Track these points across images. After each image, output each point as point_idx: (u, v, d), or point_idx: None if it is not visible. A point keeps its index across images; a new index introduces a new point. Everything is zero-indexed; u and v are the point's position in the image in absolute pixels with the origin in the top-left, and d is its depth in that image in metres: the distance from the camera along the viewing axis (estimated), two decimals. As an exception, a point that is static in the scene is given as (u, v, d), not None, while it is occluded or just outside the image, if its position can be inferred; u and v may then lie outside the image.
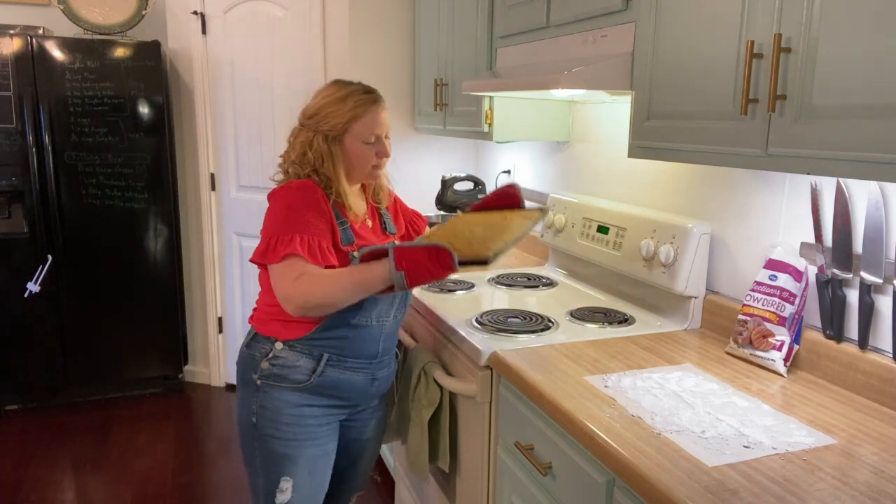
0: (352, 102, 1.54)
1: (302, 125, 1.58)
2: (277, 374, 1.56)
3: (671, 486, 1.02)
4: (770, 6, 1.17)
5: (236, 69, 3.31)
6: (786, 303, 1.50)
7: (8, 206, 3.18)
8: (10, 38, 3.03)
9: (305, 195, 1.51)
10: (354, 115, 1.54)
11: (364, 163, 1.59)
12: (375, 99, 1.58)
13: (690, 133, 1.38)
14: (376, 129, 1.57)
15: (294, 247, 1.43)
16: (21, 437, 3.10)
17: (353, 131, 1.55)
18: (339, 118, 1.54)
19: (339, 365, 1.58)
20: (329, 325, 1.55)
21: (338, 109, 1.54)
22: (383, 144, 1.60)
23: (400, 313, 1.69)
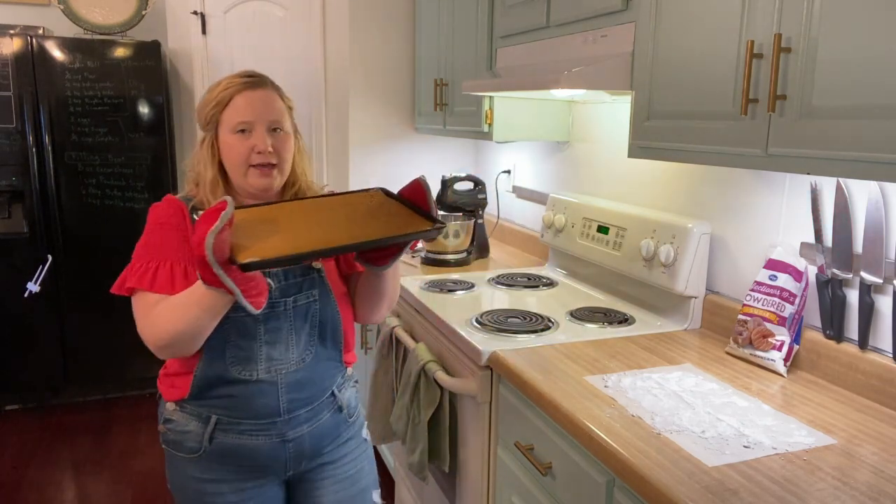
0: (221, 86, 1.31)
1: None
2: (172, 439, 1.35)
3: (671, 486, 1.02)
4: (770, 6, 1.17)
5: (236, 69, 3.29)
6: (786, 303, 1.50)
7: (8, 206, 3.18)
8: (10, 38, 3.03)
9: (154, 214, 1.30)
10: (220, 99, 1.29)
11: (232, 159, 1.29)
12: (253, 83, 1.31)
13: (690, 133, 1.38)
14: (246, 114, 1.28)
15: (135, 277, 1.24)
16: (21, 437, 3.09)
17: (223, 121, 1.29)
18: (207, 108, 1.31)
19: (231, 429, 1.31)
20: (206, 380, 1.29)
21: (207, 97, 1.32)
22: (260, 135, 1.28)
23: (310, 353, 1.34)
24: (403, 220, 1.21)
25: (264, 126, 1.29)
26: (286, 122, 1.34)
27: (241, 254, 1.04)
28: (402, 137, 3.19)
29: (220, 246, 1.00)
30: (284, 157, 1.32)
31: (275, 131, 1.31)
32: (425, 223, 1.21)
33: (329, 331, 1.37)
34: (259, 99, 1.30)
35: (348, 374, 1.47)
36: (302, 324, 1.33)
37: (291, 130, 1.36)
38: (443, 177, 2.73)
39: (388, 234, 1.17)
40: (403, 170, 3.21)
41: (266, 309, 1.22)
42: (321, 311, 1.35)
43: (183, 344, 1.21)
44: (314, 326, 1.34)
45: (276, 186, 1.34)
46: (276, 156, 1.30)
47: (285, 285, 1.31)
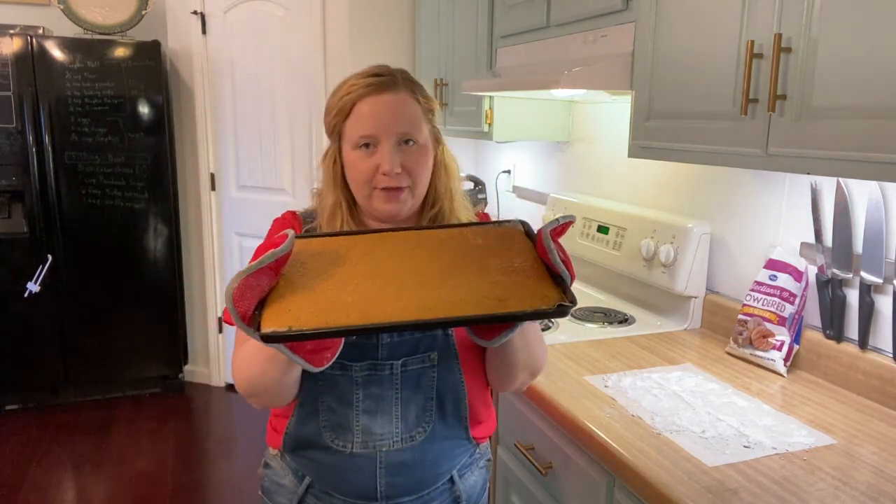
0: (344, 89, 1.07)
1: None
2: (267, 487, 1.18)
3: (671, 486, 1.02)
4: (770, 6, 1.17)
5: (236, 69, 3.31)
6: (786, 303, 1.50)
7: (8, 206, 3.18)
8: (10, 38, 3.03)
9: (271, 232, 1.10)
10: (342, 107, 1.06)
11: (354, 178, 1.07)
12: (380, 84, 1.06)
13: (690, 133, 1.38)
14: (369, 126, 1.04)
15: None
16: (21, 437, 3.09)
17: (345, 133, 1.07)
18: (329, 116, 1.09)
19: (323, 498, 1.12)
20: (298, 439, 1.10)
21: (330, 103, 1.09)
22: (386, 152, 1.03)
23: (423, 431, 1.07)
24: (525, 284, 0.85)
25: (392, 140, 1.04)
26: (422, 132, 1.07)
27: (269, 311, 0.80)
28: (402, 137, 3.19)
29: (245, 293, 0.79)
30: (418, 176, 1.06)
31: (406, 143, 1.05)
32: (551, 297, 0.83)
33: (450, 403, 1.08)
34: (386, 106, 1.04)
35: (479, 452, 1.20)
36: (413, 393, 1.06)
37: (430, 140, 1.09)
38: (443, 177, 2.72)
39: (486, 309, 0.81)
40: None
41: (366, 371, 1.03)
42: (440, 379, 1.07)
43: (263, 395, 1.01)
44: (430, 398, 1.07)
45: (408, 211, 1.09)
46: (406, 176, 1.05)
47: (393, 343, 1.04)
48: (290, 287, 0.83)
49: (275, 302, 0.81)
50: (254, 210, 3.43)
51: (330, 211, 1.10)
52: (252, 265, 0.79)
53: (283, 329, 0.77)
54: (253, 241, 3.49)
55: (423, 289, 0.83)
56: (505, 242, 0.93)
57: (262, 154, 3.37)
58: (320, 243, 0.93)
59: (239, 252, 3.51)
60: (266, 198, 3.40)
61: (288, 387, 1.00)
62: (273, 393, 1.00)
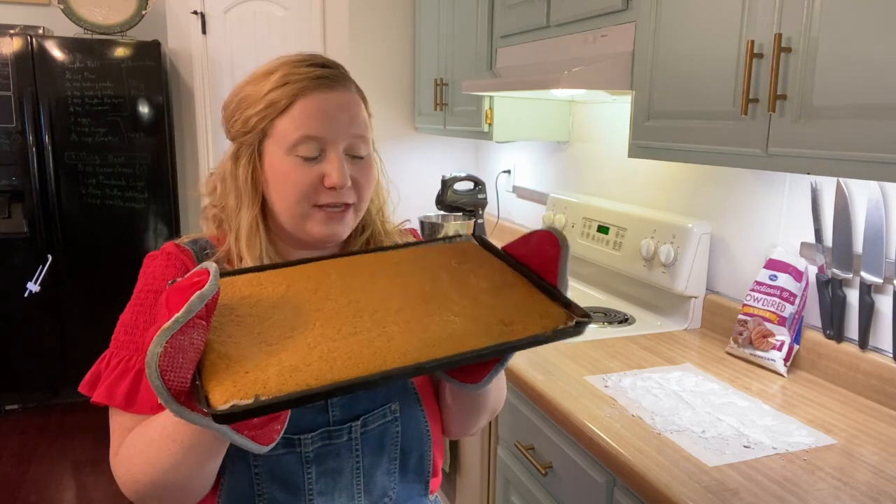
0: (276, 77, 0.84)
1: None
2: None
3: (671, 486, 1.02)
4: (770, 6, 1.17)
5: (236, 69, 3.31)
6: (786, 303, 1.50)
7: (8, 206, 3.18)
8: (10, 38, 3.03)
9: (146, 275, 0.86)
10: (274, 99, 0.83)
11: (286, 193, 0.85)
12: (330, 78, 0.85)
13: (690, 133, 1.38)
14: (318, 128, 0.83)
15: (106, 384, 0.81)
16: (21, 437, 3.09)
17: (275, 133, 0.84)
18: (248, 110, 0.85)
19: None
20: None
21: (250, 92, 0.85)
22: (336, 162, 0.84)
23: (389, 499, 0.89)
24: (522, 303, 0.72)
25: (340, 147, 0.85)
26: (368, 142, 0.89)
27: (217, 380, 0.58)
28: (402, 137, 3.19)
29: (175, 360, 0.56)
30: (365, 193, 0.89)
31: (354, 157, 0.87)
32: (555, 313, 0.71)
33: (414, 459, 0.91)
34: (337, 105, 0.85)
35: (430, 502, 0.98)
36: (376, 458, 0.87)
37: (372, 153, 0.91)
38: (443, 177, 2.73)
39: (496, 337, 0.67)
40: (403, 170, 3.21)
41: (318, 442, 0.82)
42: (404, 433, 0.89)
43: (167, 498, 0.75)
44: (394, 458, 0.89)
45: (344, 235, 0.90)
46: (353, 192, 0.87)
47: (345, 400, 0.85)
48: (233, 343, 0.62)
49: (217, 365, 0.59)
50: (254, 210, 3.43)
51: (248, 233, 0.85)
52: (177, 317, 0.55)
53: (247, 400, 0.56)
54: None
55: (411, 324, 0.67)
56: (469, 259, 0.80)
57: (262, 154, 3.36)
58: (246, 281, 0.72)
59: (239, 252, 3.51)
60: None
61: (207, 480, 0.76)
62: (184, 493, 0.74)
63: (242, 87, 0.87)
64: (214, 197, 0.90)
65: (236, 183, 0.86)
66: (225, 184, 0.87)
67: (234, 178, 0.86)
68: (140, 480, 0.74)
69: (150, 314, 0.82)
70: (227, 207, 0.87)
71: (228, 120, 0.87)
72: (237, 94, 0.87)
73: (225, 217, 0.88)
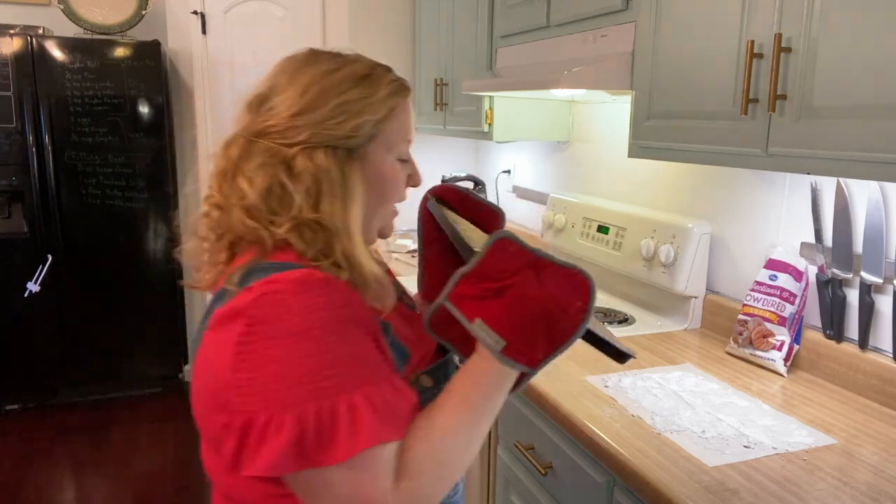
0: (386, 88, 0.84)
1: (258, 134, 0.82)
2: None
3: (671, 486, 1.02)
4: (770, 6, 1.17)
5: (236, 69, 3.31)
6: (786, 303, 1.50)
7: (8, 206, 3.18)
8: (10, 38, 3.03)
9: (330, 296, 0.74)
10: (391, 105, 0.84)
11: (391, 196, 0.88)
12: (407, 85, 0.89)
13: (690, 133, 1.38)
14: (411, 132, 0.90)
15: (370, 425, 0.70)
16: (21, 437, 3.09)
17: (383, 138, 0.84)
18: (365, 114, 0.82)
19: None
20: None
21: (363, 97, 0.82)
22: (415, 162, 0.92)
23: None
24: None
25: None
26: None
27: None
28: (402, 137, 3.19)
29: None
30: None
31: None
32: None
33: None
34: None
35: None
36: None
37: None
38: (443, 177, 2.73)
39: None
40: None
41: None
42: None
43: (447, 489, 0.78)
44: None
45: None
46: None
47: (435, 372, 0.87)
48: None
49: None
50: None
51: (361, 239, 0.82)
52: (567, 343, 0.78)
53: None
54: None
55: None
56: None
57: (262, 154, 3.36)
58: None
59: (239, 252, 3.52)
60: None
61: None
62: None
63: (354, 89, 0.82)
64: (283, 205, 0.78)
65: (351, 186, 0.81)
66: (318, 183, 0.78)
67: (346, 183, 0.80)
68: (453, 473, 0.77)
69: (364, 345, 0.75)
70: (319, 209, 0.79)
71: (315, 123, 0.79)
72: (325, 97, 0.80)
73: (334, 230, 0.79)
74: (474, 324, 0.74)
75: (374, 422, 0.70)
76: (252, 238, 0.78)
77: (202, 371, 0.78)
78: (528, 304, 0.75)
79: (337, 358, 0.71)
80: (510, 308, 0.75)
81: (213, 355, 0.75)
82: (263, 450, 0.68)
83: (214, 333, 0.75)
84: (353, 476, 0.70)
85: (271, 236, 0.77)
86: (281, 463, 0.67)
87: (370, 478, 0.71)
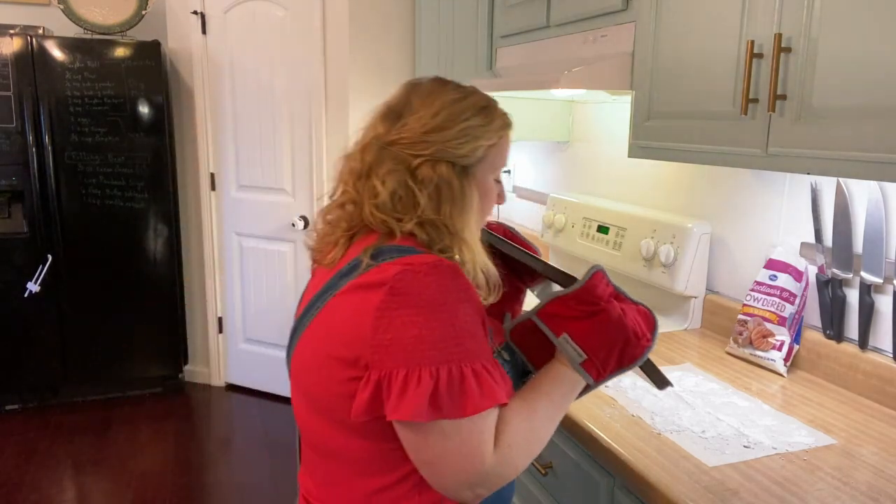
0: (499, 120, 1.01)
1: (390, 144, 0.95)
2: None
3: (671, 486, 1.02)
4: (770, 6, 1.17)
5: (236, 69, 3.31)
6: (786, 303, 1.50)
7: (8, 206, 3.18)
8: (10, 38, 3.03)
9: (455, 280, 0.88)
10: (502, 133, 1.01)
11: (489, 207, 1.04)
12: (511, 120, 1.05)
13: (690, 133, 1.38)
14: (508, 159, 1.06)
15: (492, 387, 0.85)
16: (21, 437, 3.09)
17: (489, 161, 1.00)
18: (482, 139, 0.97)
19: None
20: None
21: (482, 125, 0.98)
22: (503, 185, 1.07)
23: None
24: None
25: None
26: None
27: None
28: (402, 137, 3.19)
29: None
30: None
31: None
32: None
33: None
34: None
35: None
36: None
37: None
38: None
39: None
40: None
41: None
42: None
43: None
44: None
45: None
46: None
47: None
48: None
49: None
50: (253, 210, 3.43)
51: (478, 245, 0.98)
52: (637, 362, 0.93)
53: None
54: (252, 240, 3.51)
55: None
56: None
57: (261, 154, 3.36)
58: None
59: (238, 252, 3.52)
60: (266, 198, 3.40)
61: None
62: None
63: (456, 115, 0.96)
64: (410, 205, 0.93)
65: (466, 196, 0.96)
66: (439, 191, 0.94)
67: (463, 193, 0.96)
68: (526, 455, 0.89)
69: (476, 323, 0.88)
70: (440, 213, 0.94)
71: (442, 141, 0.95)
72: (453, 120, 0.95)
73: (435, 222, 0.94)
74: (560, 338, 0.92)
75: (493, 386, 0.84)
76: (381, 228, 0.93)
77: (327, 331, 0.91)
78: (613, 327, 0.91)
79: (460, 331, 0.84)
80: (598, 328, 0.91)
81: (348, 316, 0.88)
82: (406, 399, 0.81)
83: (352, 297, 0.88)
84: (469, 431, 0.83)
85: (399, 228, 0.92)
86: (420, 411, 0.80)
87: (478, 436, 0.84)
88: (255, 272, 3.50)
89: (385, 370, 0.83)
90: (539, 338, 0.96)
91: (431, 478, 0.86)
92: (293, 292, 3.41)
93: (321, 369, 0.91)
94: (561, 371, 0.94)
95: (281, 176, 3.35)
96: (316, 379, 0.92)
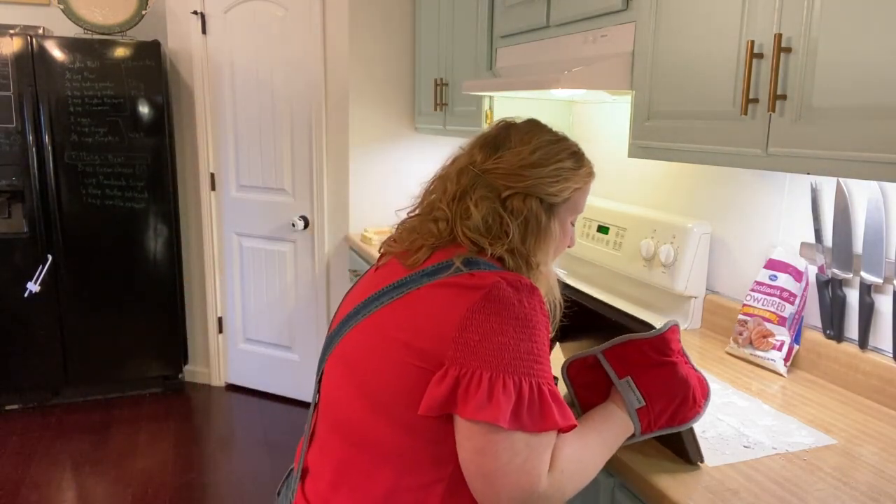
0: (587, 167, 1.08)
1: (486, 172, 1.01)
2: None
3: (671, 486, 1.02)
4: (770, 6, 1.17)
5: (236, 69, 3.31)
6: (786, 303, 1.50)
7: (8, 206, 3.18)
8: (10, 38, 3.03)
9: (540, 303, 0.93)
10: (587, 182, 1.08)
11: (564, 248, 1.09)
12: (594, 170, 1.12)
13: (690, 133, 1.38)
14: (584, 206, 1.12)
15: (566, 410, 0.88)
16: (21, 437, 3.09)
17: (572, 203, 1.06)
18: (571, 181, 1.03)
19: None
20: None
21: (573, 168, 1.04)
22: (574, 231, 1.13)
23: None
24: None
25: None
26: None
27: None
28: (402, 137, 3.19)
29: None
30: None
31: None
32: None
33: None
34: None
35: None
36: None
37: None
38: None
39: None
40: (404, 169, 3.21)
41: None
42: None
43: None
44: None
45: None
46: None
47: None
48: None
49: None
50: (254, 210, 3.43)
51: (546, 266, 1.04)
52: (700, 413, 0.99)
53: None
54: (252, 240, 3.51)
55: None
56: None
57: (262, 154, 3.36)
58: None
59: (238, 252, 3.52)
60: (266, 198, 3.40)
61: None
62: None
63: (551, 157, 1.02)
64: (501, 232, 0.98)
65: (549, 232, 1.02)
66: (527, 224, 1.00)
67: (547, 229, 1.01)
68: (579, 486, 0.91)
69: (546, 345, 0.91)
70: (524, 244, 0.99)
71: (536, 178, 1.00)
72: (549, 159, 1.02)
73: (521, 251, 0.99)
74: (623, 380, 0.95)
75: (566, 408, 0.87)
76: (470, 247, 0.97)
77: (406, 320, 0.92)
78: (677, 381, 0.94)
79: (540, 351, 0.88)
80: (664, 379, 0.95)
81: (437, 310, 0.90)
82: (493, 401, 0.82)
83: (443, 293, 0.91)
84: (537, 448, 0.85)
85: (492, 251, 0.96)
86: (504, 416, 0.82)
87: (540, 455, 0.85)
88: (255, 272, 3.50)
89: (467, 368, 0.84)
90: (595, 377, 1.00)
91: (484, 490, 0.85)
92: (293, 292, 3.41)
93: (389, 357, 0.91)
94: (615, 413, 0.97)
95: (281, 176, 3.35)
96: (379, 366, 0.92)
